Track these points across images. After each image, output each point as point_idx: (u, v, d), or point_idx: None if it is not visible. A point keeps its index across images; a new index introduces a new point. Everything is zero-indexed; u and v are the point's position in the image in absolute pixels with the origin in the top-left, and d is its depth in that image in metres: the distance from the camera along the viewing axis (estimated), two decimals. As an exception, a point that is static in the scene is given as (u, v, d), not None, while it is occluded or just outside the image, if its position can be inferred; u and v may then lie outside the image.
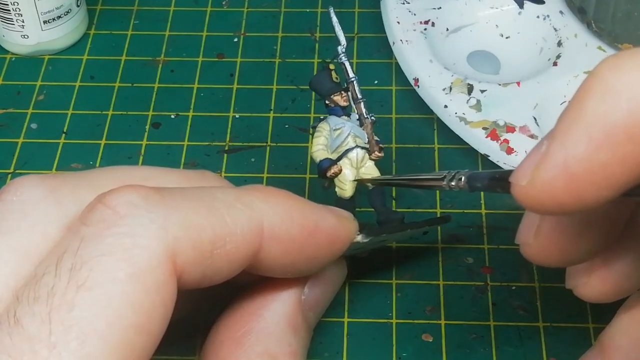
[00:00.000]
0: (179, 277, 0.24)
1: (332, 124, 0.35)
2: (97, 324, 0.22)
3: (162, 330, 0.23)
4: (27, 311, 0.22)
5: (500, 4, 0.47)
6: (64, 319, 0.22)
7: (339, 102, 0.35)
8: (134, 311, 0.22)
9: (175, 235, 0.24)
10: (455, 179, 0.30)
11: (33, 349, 0.21)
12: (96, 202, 0.24)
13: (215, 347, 0.28)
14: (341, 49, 0.36)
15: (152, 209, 0.24)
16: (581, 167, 0.23)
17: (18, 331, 0.22)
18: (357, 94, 0.36)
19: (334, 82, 0.36)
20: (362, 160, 0.35)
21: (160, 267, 0.23)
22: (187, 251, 0.24)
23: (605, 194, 0.23)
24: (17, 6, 0.45)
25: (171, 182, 0.28)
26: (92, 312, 0.22)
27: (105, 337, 0.22)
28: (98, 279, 0.22)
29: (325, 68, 0.36)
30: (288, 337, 0.28)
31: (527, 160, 0.24)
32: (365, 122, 0.35)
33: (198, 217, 0.25)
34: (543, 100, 0.42)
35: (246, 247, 0.26)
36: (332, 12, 0.37)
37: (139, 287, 0.23)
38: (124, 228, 0.23)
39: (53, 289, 0.22)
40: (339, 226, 0.29)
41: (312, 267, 0.29)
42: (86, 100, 0.45)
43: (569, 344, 0.35)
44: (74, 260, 0.23)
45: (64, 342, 0.21)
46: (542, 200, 0.23)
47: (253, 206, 0.26)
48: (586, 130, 0.23)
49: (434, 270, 0.38)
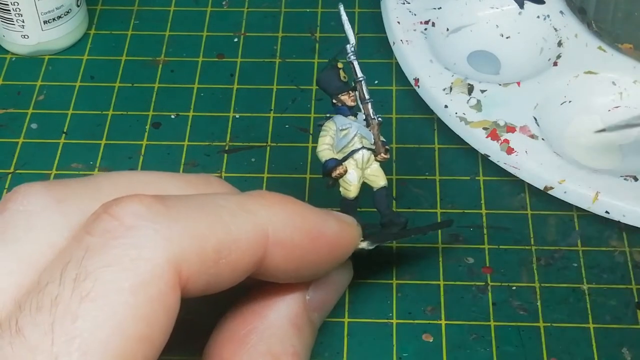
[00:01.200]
0: (184, 286, 0.24)
1: (339, 123, 0.35)
2: (100, 335, 0.22)
3: (165, 340, 0.23)
4: (30, 320, 0.22)
5: (500, 4, 0.47)
6: (67, 329, 0.22)
7: (347, 102, 0.35)
8: (137, 322, 0.22)
9: (180, 245, 0.24)
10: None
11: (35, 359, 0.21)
12: (101, 212, 0.24)
13: (218, 346, 0.28)
14: (350, 48, 0.36)
15: (157, 220, 0.24)
16: None
17: (20, 341, 0.21)
18: (365, 94, 0.35)
19: (342, 81, 0.35)
20: (367, 161, 0.35)
21: (164, 278, 0.23)
22: (192, 261, 0.24)
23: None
24: (17, 6, 0.45)
25: (175, 187, 0.28)
26: (96, 324, 0.22)
27: (107, 349, 0.22)
28: (102, 290, 0.22)
29: (333, 66, 0.35)
30: (291, 337, 0.28)
31: None
32: (372, 123, 0.35)
33: (202, 226, 0.25)
34: (543, 100, 0.42)
35: (251, 255, 0.26)
36: (342, 10, 0.36)
37: (143, 299, 0.23)
38: (129, 239, 0.23)
39: (57, 298, 0.22)
40: (342, 233, 0.29)
41: (315, 273, 0.29)
42: (86, 100, 0.45)
43: (569, 344, 0.35)
44: (79, 270, 0.22)
45: (66, 354, 0.21)
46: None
47: (257, 213, 0.26)
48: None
49: (434, 270, 0.38)
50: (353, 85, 0.35)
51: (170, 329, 0.24)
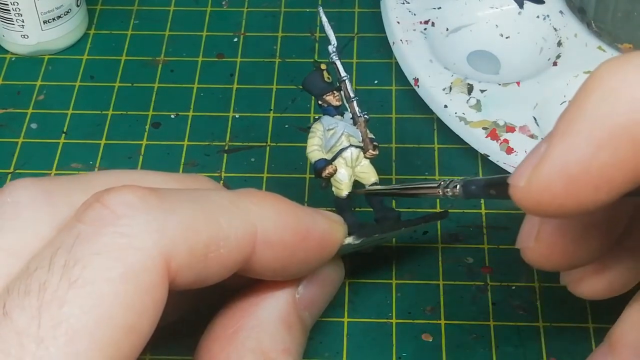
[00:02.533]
0: (173, 278, 0.24)
1: (326, 124, 0.35)
2: (86, 321, 0.22)
3: (151, 330, 0.24)
4: (17, 304, 0.22)
5: (500, 4, 0.47)
6: (54, 314, 0.22)
7: (332, 102, 0.36)
8: (125, 311, 0.22)
9: (171, 237, 0.24)
10: (450, 187, 0.30)
11: (21, 342, 0.21)
12: (93, 201, 0.24)
13: (209, 343, 0.28)
14: (332, 48, 0.36)
15: (149, 211, 0.24)
16: (580, 169, 0.22)
17: (6, 323, 0.22)
18: (349, 92, 0.36)
19: (326, 82, 0.36)
20: (357, 159, 0.35)
21: (154, 269, 0.23)
22: (182, 254, 0.24)
23: (604, 196, 0.23)
24: (17, 6, 0.45)
25: (165, 185, 0.28)
26: (83, 310, 0.22)
27: (94, 335, 0.22)
28: (91, 276, 0.22)
29: (317, 68, 0.36)
30: (281, 334, 0.28)
31: (526, 161, 0.24)
32: (359, 120, 0.36)
33: (194, 220, 0.25)
34: (543, 100, 0.42)
35: (239, 252, 0.26)
36: (321, 12, 0.37)
37: (131, 287, 0.23)
38: (120, 228, 0.23)
39: (45, 283, 0.22)
40: (329, 230, 0.29)
41: (302, 270, 0.29)
42: (86, 100, 0.45)
43: (569, 344, 0.35)
44: (68, 257, 0.23)
45: (53, 337, 0.21)
46: (540, 202, 0.23)
47: (247, 211, 0.26)
48: (586, 131, 0.22)
49: (434, 270, 0.38)
50: (337, 85, 0.36)
51: (157, 319, 0.24)
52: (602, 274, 0.29)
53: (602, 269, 0.29)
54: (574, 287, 0.30)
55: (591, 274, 0.30)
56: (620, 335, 0.28)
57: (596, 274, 0.29)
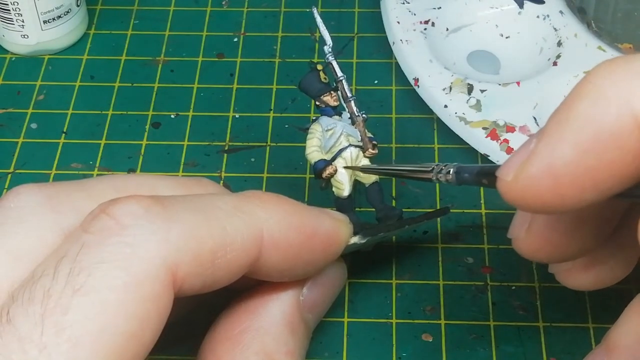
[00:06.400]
0: (180, 287, 0.24)
1: (324, 124, 0.35)
2: (90, 329, 0.22)
3: (155, 338, 0.24)
4: (21, 311, 0.22)
5: (500, 4, 0.47)
6: (58, 321, 0.22)
7: (329, 102, 0.36)
8: (128, 319, 0.23)
9: (176, 246, 0.24)
10: (443, 172, 0.30)
11: (23, 348, 0.21)
12: (99, 212, 0.24)
13: (213, 345, 0.28)
14: (327, 49, 0.36)
15: (154, 220, 0.24)
16: (566, 170, 0.23)
17: (9, 330, 0.22)
18: (346, 92, 0.36)
19: (322, 83, 0.36)
20: (356, 158, 0.35)
21: (158, 278, 0.23)
22: (188, 262, 0.24)
23: (589, 197, 0.23)
24: (17, 6, 0.45)
25: (168, 189, 0.28)
26: (86, 317, 0.22)
27: (96, 343, 0.22)
28: (95, 285, 0.22)
29: (313, 69, 0.36)
30: (285, 336, 0.28)
31: (515, 156, 0.24)
32: (357, 120, 0.36)
33: (199, 227, 0.25)
34: (543, 100, 0.42)
35: (246, 255, 0.26)
36: (315, 13, 0.37)
37: (135, 296, 0.23)
38: (125, 238, 0.23)
39: (49, 291, 0.22)
40: (335, 229, 0.29)
41: (308, 271, 0.29)
42: (86, 100, 0.45)
43: (569, 344, 0.35)
44: (73, 265, 0.23)
45: (55, 344, 0.21)
46: (525, 197, 0.23)
47: (252, 214, 0.26)
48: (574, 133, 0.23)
49: (434, 270, 0.38)
50: (334, 86, 0.36)
51: (161, 328, 0.24)
52: (591, 266, 0.30)
53: (591, 262, 0.30)
54: (563, 277, 0.30)
55: (580, 266, 0.30)
56: (617, 338, 0.28)
57: (585, 266, 0.30)
